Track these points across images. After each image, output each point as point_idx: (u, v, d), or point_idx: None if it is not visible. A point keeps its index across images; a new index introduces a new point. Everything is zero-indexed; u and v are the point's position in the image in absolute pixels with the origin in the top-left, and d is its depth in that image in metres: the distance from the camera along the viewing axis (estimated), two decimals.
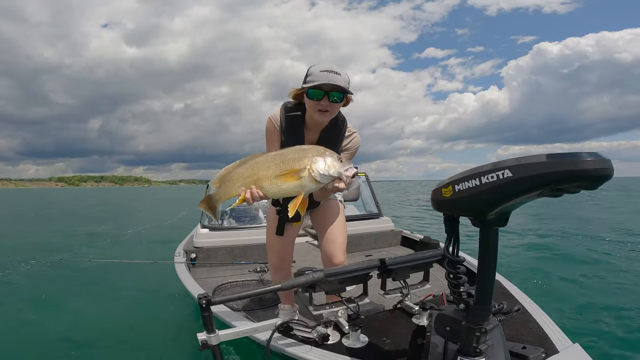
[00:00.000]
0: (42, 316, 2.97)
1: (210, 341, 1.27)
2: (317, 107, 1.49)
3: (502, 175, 0.86)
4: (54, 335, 2.60)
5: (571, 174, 0.78)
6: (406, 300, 1.84)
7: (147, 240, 7.52)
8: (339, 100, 1.49)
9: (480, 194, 0.91)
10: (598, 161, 0.77)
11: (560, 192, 0.84)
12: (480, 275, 1.05)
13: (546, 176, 0.80)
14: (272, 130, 1.64)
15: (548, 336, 1.46)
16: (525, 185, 0.84)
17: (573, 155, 0.78)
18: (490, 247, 1.02)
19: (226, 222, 3.74)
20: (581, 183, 0.79)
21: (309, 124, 1.62)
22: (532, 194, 0.86)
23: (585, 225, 9.18)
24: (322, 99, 1.47)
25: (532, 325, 1.56)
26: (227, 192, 1.55)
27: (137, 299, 3.28)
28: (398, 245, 3.79)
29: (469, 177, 0.93)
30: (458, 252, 1.14)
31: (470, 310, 1.07)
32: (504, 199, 0.90)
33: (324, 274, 1.57)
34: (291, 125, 1.61)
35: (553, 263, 5.20)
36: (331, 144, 1.60)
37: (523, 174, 0.83)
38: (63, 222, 11.57)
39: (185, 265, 2.87)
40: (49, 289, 3.69)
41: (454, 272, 1.14)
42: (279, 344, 1.51)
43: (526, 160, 0.84)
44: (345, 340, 1.55)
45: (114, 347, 2.38)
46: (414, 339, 1.53)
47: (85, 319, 2.83)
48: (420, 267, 2.01)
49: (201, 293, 1.30)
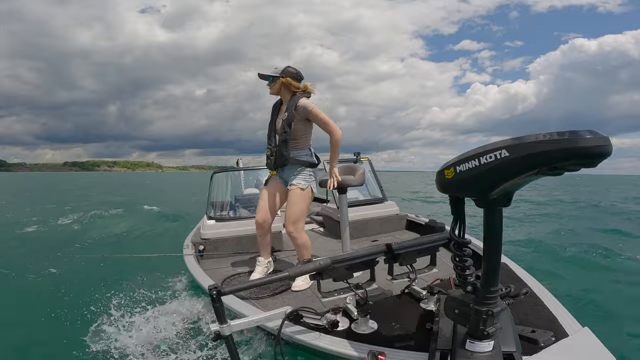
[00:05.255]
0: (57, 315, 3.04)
1: (223, 331, 1.29)
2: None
3: (499, 155, 0.86)
4: (65, 331, 2.66)
5: (569, 152, 0.77)
6: (414, 285, 1.85)
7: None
8: (270, 80, 2.43)
9: (479, 174, 0.91)
10: (596, 138, 0.76)
11: (559, 170, 0.83)
12: (485, 257, 1.05)
13: (543, 154, 0.80)
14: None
15: (557, 320, 1.46)
16: (522, 164, 0.83)
17: (571, 133, 0.77)
18: (495, 228, 1.02)
19: (232, 212, 3.76)
20: (579, 161, 0.78)
21: (282, 101, 2.51)
22: (530, 173, 0.85)
23: (602, 215, 9.07)
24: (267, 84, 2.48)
25: (541, 309, 1.56)
26: None
27: (148, 291, 3.34)
28: (403, 230, 3.79)
29: (469, 158, 0.93)
30: (464, 234, 1.13)
31: (478, 293, 1.07)
32: (502, 179, 0.89)
33: (331, 260, 1.58)
34: (274, 106, 2.58)
35: (562, 246, 5.18)
36: (288, 112, 2.38)
37: (520, 153, 0.83)
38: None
39: (194, 257, 2.90)
40: (68, 284, 3.76)
41: (459, 255, 1.14)
42: (290, 332, 1.53)
43: (523, 139, 0.83)
44: (354, 326, 1.57)
45: (126, 342, 2.44)
46: (422, 323, 1.54)
47: (100, 313, 2.90)
48: (427, 251, 2.01)
49: (211, 284, 1.31)
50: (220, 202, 3.85)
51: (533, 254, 4.83)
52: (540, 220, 8.17)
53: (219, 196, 3.88)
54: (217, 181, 3.88)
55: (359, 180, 2.65)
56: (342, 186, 2.60)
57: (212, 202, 3.72)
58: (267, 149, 2.48)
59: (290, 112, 2.36)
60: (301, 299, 2.16)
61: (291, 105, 2.37)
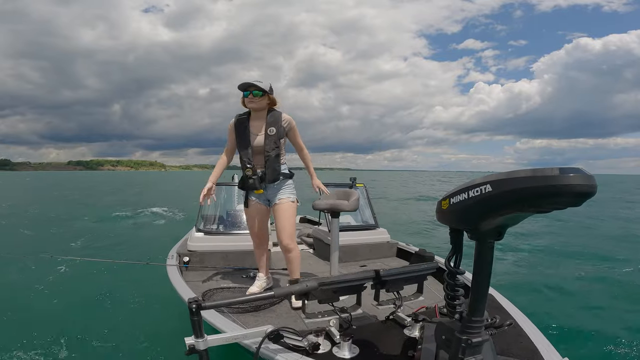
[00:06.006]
0: (22, 316, 2.92)
1: (198, 346, 1.26)
2: (248, 101, 2.32)
3: (484, 189, 0.87)
4: (34, 336, 2.55)
5: (550, 190, 0.76)
6: (399, 311, 1.83)
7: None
8: (259, 94, 2.29)
9: (467, 207, 0.92)
10: (579, 177, 0.74)
11: (543, 208, 0.82)
12: (473, 288, 1.05)
13: (524, 191, 0.78)
14: (229, 131, 2.46)
15: (538, 350, 1.46)
16: (503, 199, 0.83)
17: (554, 170, 0.76)
18: (484, 261, 1.02)
19: (221, 227, 3.73)
20: (561, 199, 0.77)
21: (253, 116, 2.40)
22: (513, 210, 0.85)
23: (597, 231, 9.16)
24: (249, 95, 2.30)
25: (523, 340, 1.56)
26: None
27: (126, 299, 3.24)
28: (393, 257, 3.77)
29: (461, 191, 0.94)
30: (459, 265, 1.14)
31: (462, 322, 1.07)
32: (487, 213, 0.90)
33: (318, 283, 1.57)
34: (240, 122, 2.41)
35: (546, 276, 5.21)
36: (275, 127, 2.35)
37: (501, 188, 0.83)
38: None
39: (177, 268, 2.84)
40: (36, 286, 3.64)
41: (451, 284, 1.14)
42: (269, 352, 1.49)
43: (507, 175, 0.83)
44: (336, 350, 1.53)
45: (98, 349, 2.34)
46: (405, 350, 1.52)
47: (70, 317, 2.79)
48: (415, 279, 2.00)
49: (191, 297, 1.29)
50: (211, 216, 3.81)
51: (516, 282, 4.83)
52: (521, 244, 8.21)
53: (210, 209, 3.85)
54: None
55: (352, 205, 2.66)
56: (335, 210, 2.61)
57: (203, 214, 3.69)
58: (247, 168, 2.35)
59: (279, 127, 2.34)
60: (284, 318, 2.11)
61: (275, 120, 2.35)
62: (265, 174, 2.34)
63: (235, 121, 2.43)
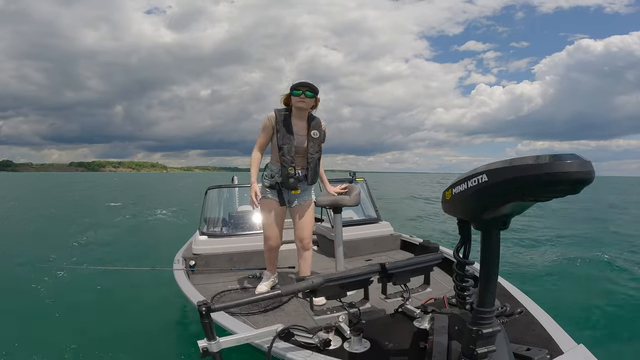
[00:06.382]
0: (33, 327, 2.94)
1: (211, 348, 1.26)
2: (297, 100, 2.24)
3: (480, 179, 0.87)
4: (42, 345, 2.56)
5: (545, 178, 0.74)
6: (407, 304, 1.83)
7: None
8: (312, 96, 2.27)
9: (467, 197, 0.93)
10: (576, 163, 0.73)
11: (541, 197, 0.81)
12: (482, 278, 1.05)
13: (519, 180, 0.78)
14: (267, 125, 2.32)
15: (552, 337, 1.45)
16: (499, 189, 0.83)
17: (551, 157, 0.75)
18: (491, 250, 1.02)
19: (224, 229, 3.73)
20: (559, 187, 0.76)
21: (294, 115, 2.32)
22: (512, 198, 0.85)
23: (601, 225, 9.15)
24: (301, 95, 2.24)
25: (535, 327, 1.55)
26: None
27: (136, 306, 3.25)
28: (398, 249, 3.78)
29: (462, 181, 0.95)
30: (468, 255, 1.14)
31: (473, 312, 1.07)
32: (487, 202, 0.90)
33: (324, 279, 1.57)
34: (285, 118, 2.30)
35: (557, 264, 5.21)
36: (318, 130, 2.36)
37: (497, 178, 0.83)
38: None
39: (184, 272, 2.85)
40: (38, 292, 3.65)
41: (461, 275, 1.15)
42: (281, 350, 1.50)
43: (503, 164, 0.82)
44: (346, 345, 1.54)
45: (114, 356, 2.35)
46: (415, 342, 1.52)
47: (85, 327, 2.80)
48: (421, 270, 2.01)
49: (200, 300, 1.29)
50: (213, 218, 3.81)
51: (526, 271, 4.83)
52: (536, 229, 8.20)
53: (212, 212, 3.85)
54: (211, 197, 3.86)
55: (354, 200, 2.66)
56: (337, 206, 2.61)
57: (205, 217, 3.69)
58: (290, 167, 2.27)
59: (322, 131, 2.36)
60: (293, 316, 2.12)
61: (318, 124, 2.36)
62: (307, 176, 2.34)
63: (277, 115, 2.30)
